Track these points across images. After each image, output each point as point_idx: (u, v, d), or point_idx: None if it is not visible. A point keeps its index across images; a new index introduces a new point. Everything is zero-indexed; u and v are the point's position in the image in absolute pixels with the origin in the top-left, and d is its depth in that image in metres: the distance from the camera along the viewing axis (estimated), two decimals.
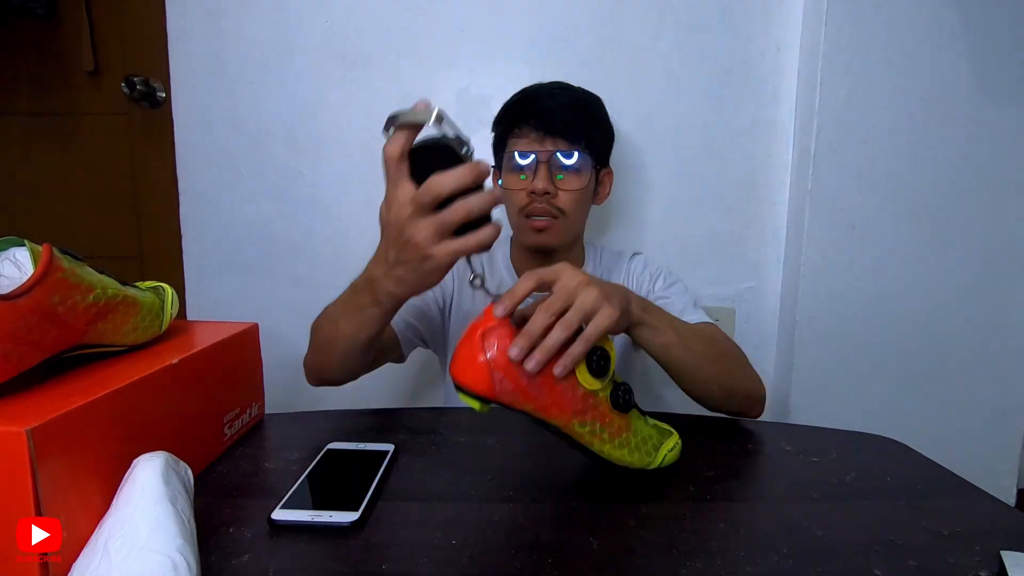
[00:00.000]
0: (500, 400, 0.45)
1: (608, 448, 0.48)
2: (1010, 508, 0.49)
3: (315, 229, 1.14)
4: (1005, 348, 1.11)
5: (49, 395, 0.39)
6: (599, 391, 0.47)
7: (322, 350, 0.68)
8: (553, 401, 0.45)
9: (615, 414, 0.48)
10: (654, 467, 0.51)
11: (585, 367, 0.46)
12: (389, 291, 0.54)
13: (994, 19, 1.02)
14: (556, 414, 0.46)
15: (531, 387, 0.45)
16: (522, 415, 0.47)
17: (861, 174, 1.06)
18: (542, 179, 0.80)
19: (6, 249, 0.42)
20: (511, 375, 0.44)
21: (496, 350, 0.44)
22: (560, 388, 0.45)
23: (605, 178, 0.91)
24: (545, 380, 0.45)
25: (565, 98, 0.84)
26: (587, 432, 0.47)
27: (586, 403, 0.46)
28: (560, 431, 0.48)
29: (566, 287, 0.49)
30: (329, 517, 0.43)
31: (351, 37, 1.09)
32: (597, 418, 0.47)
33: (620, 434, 0.49)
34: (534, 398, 0.45)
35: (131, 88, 1.10)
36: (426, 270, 0.49)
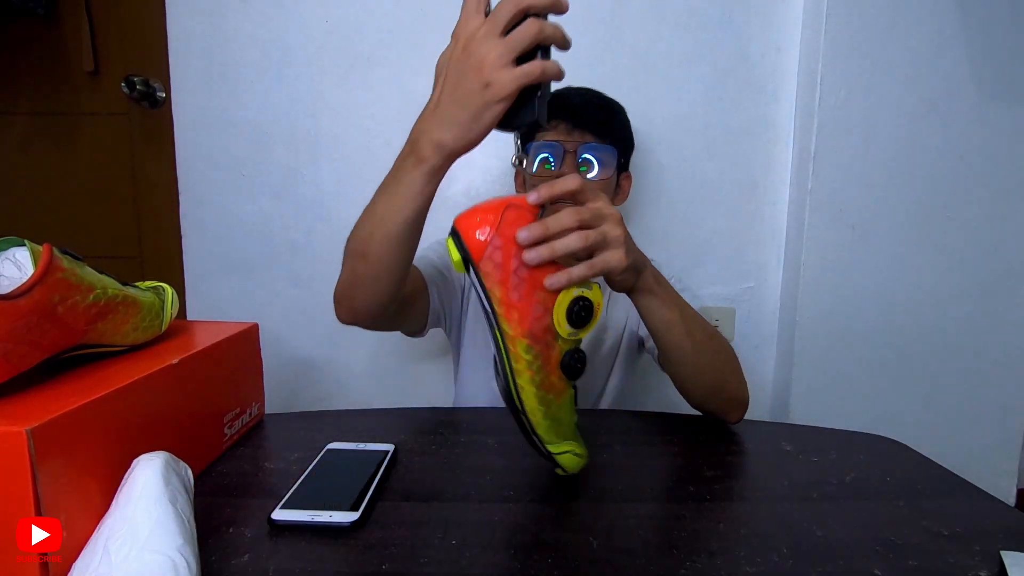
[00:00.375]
0: (480, 268, 0.43)
1: (530, 392, 0.45)
2: (1010, 508, 0.49)
3: (315, 229, 1.14)
4: (1005, 348, 1.11)
5: (49, 395, 0.39)
6: (561, 340, 0.45)
7: (356, 256, 0.60)
8: (521, 307, 0.43)
9: (558, 372, 0.45)
10: (549, 450, 0.48)
11: (565, 309, 0.44)
12: (436, 140, 0.50)
13: (994, 19, 1.02)
14: (514, 320, 0.43)
15: (513, 277, 0.43)
16: (484, 307, 0.44)
17: (861, 174, 1.06)
18: (568, 167, 0.83)
19: (6, 249, 0.42)
20: (506, 252, 0.43)
21: (508, 224, 0.43)
22: (534, 302, 0.43)
23: (624, 181, 0.94)
24: (529, 284, 0.43)
25: (594, 98, 0.89)
26: (527, 361, 0.44)
27: (544, 336, 0.44)
28: (503, 343, 0.44)
29: (601, 211, 0.49)
30: (329, 517, 0.43)
31: (351, 37, 1.09)
32: (543, 359, 0.44)
33: (550, 392, 0.45)
34: (508, 289, 0.43)
35: (131, 88, 1.10)
36: (484, 101, 0.46)
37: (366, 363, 1.19)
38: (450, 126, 0.49)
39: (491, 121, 0.48)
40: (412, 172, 0.53)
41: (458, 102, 0.48)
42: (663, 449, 0.60)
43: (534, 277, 0.43)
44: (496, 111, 0.47)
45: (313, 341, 1.17)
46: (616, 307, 0.92)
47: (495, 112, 0.47)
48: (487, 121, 0.48)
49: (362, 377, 1.20)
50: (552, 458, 0.48)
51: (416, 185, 0.53)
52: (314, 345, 1.17)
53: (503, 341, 0.44)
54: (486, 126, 0.48)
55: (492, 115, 0.47)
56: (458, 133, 0.49)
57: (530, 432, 0.47)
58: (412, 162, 0.53)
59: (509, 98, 0.46)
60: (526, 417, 0.45)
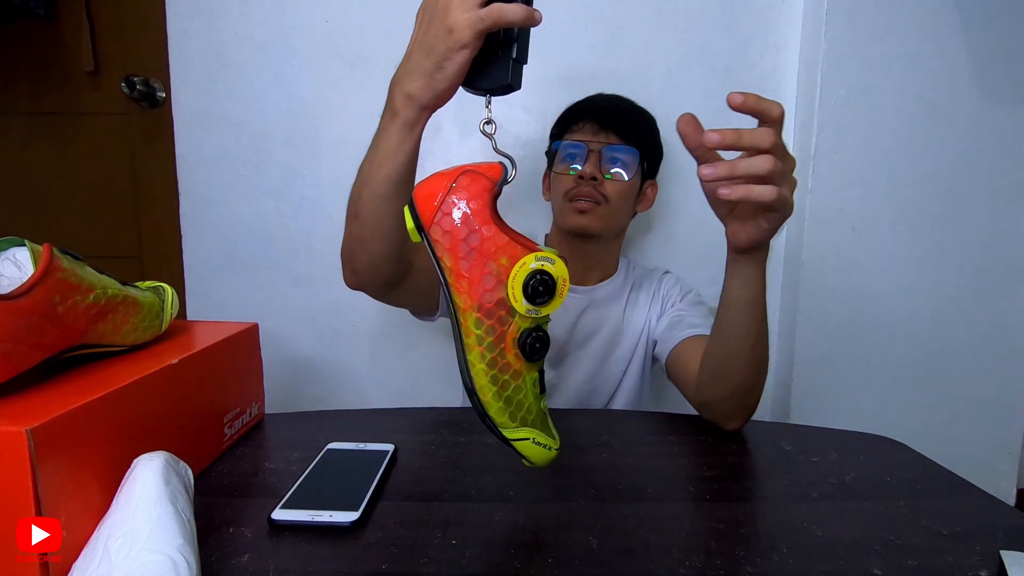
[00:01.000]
0: (431, 235, 0.40)
1: (480, 370, 0.41)
2: (1010, 508, 0.49)
3: (315, 229, 1.14)
4: (1005, 348, 1.11)
5: (49, 395, 0.39)
6: (519, 316, 0.41)
7: (350, 217, 0.60)
8: (471, 278, 0.40)
9: (515, 351, 0.41)
10: (507, 435, 0.43)
11: (521, 282, 0.40)
12: (406, 91, 0.49)
13: (994, 19, 1.02)
14: (463, 291, 0.40)
15: (463, 245, 0.40)
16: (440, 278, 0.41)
17: (861, 174, 1.06)
18: (591, 165, 0.84)
19: (6, 249, 0.42)
20: (460, 223, 0.39)
21: (461, 189, 0.40)
22: (485, 272, 0.40)
23: (649, 189, 0.94)
24: (480, 253, 0.40)
25: (622, 102, 0.91)
26: (477, 336, 0.40)
27: (496, 309, 0.40)
28: (455, 315, 0.41)
29: (788, 151, 0.50)
30: (329, 517, 0.43)
31: (351, 37, 1.09)
32: (495, 335, 0.41)
33: (504, 373, 0.41)
34: (458, 258, 0.40)
35: (131, 88, 1.10)
36: (446, 48, 0.45)
37: (366, 363, 1.19)
38: (417, 76, 0.48)
39: (454, 72, 0.46)
40: (389, 127, 0.52)
41: (424, 50, 0.46)
42: (663, 449, 0.60)
43: (485, 246, 0.40)
44: (459, 61, 0.45)
45: (313, 341, 1.17)
46: (635, 311, 0.92)
47: (458, 62, 0.45)
48: (450, 72, 0.46)
49: (362, 377, 1.20)
50: (509, 444, 0.44)
51: (393, 139, 0.52)
52: (314, 345, 1.18)
53: (455, 313, 0.41)
54: (450, 77, 0.46)
55: (455, 65, 0.45)
56: (425, 83, 0.47)
57: (482, 414, 0.43)
58: (388, 116, 0.52)
59: (469, 44, 0.44)
60: (476, 397, 0.42)
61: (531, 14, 0.45)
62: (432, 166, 0.42)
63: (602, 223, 0.86)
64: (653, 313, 0.91)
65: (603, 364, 0.91)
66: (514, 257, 0.40)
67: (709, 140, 0.48)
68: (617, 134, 0.85)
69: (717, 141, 0.47)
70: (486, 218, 0.40)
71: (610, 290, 0.92)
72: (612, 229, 0.91)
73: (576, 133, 0.88)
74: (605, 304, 0.91)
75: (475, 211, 0.39)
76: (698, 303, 0.90)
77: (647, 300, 0.92)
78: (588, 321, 0.91)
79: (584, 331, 0.91)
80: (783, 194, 0.49)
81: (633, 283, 0.95)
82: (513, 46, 0.45)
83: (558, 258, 0.41)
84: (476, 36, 0.44)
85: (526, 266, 0.40)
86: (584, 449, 0.58)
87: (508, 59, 0.45)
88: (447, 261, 0.40)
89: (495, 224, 0.40)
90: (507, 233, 0.40)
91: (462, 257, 0.40)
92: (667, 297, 0.92)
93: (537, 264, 0.40)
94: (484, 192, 0.40)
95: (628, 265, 0.97)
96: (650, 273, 0.97)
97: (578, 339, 0.91)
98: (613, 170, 0.85)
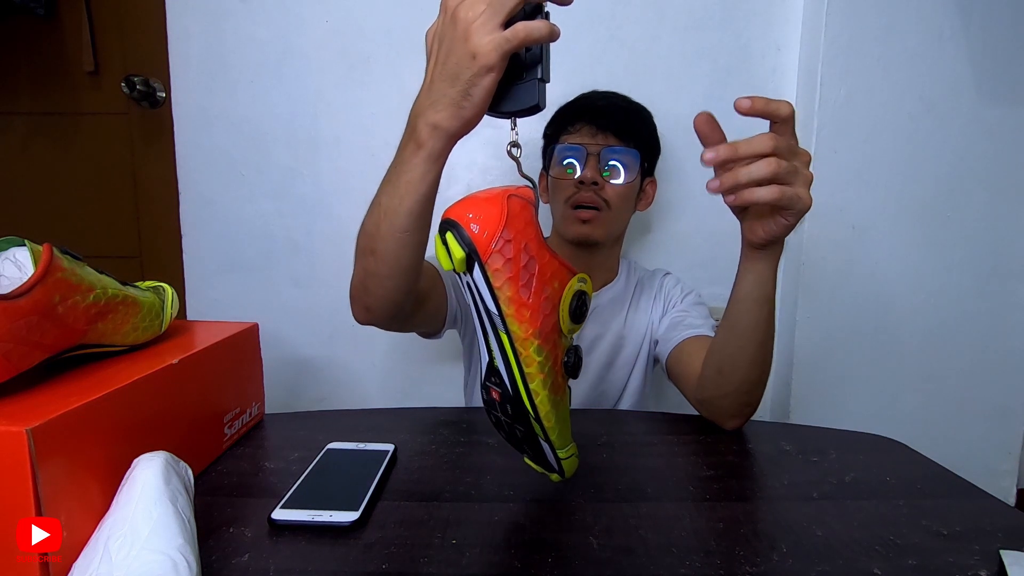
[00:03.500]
0: (488, 265, 0.38)
1: (544, 397, 0.41)
2: (1010, 508, 0.49)
3: (315, 229, 1.14)
4: (1005, 348, 1.11)
5: (49, 395, 0.39)
6: (564, 337, 0.42)
7: (365, 253, 0.57)
8: (533, 306, 0.39)
9: (562, 372, 0.43)
10: (561, 455, 0.45)
11: (568, 303, 0.41)
12: (432, 122, 0.47)
13: (994, 19, 1.02)
14: (525, 320, 0.39)
15: (524, 273, 0.39)
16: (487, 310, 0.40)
17: (861, 174, 1.06)
18: (591, 169, 0.82)
19: (6, 249, 0.42)
20: (517, 246, 0.38)
21: (515, 216, 0.38)
22: (543, 298, 0.40)
23: (648, 187, 0.93)
24: (539, 280, 0.40)
25: (619, 101, 0.88)
26: (539, 363, 0.40)
27: (552, 335, 0.41)
28: (511, 347, 0.41)
29: (795, 147, 0.49)
30: (329, 517, 0.43)
31: (351, 37, 1.09)
32: (552, 359, 0.41)
33: (557, 394, 0.42)
34: (518, 286, 0.39)
35: (131, 88, 1.10)
36: (471, 74, 0.44)
37: (366, 363, 1.19)
38: (443, 106, 0.46)
39: (482, 98, 0.45)
40: (412, 159, 0.50)
41: (447, 78, 0.45)
42: (663, 449, 0.60)
43: (543, 272, 0.40)
44: (485, 85, 0.44)
45: (313, 341, 1.17)
46: (638, 315, 0.92)
47: (485, 87, 0.44)
48: (478, 97, 0.45)
49: (362, 377, 1.20)
50: (559, 464, 0.45)
51: (417, 172, 0.51)
52: (314, 345, 1.18)
53: (511, 344, 0.40)
54: (478, 104, 0.45)
55: (482, 91, 0.44)
56: (452, 112, 0.46)
57: (542, 440, 0.43)
58: (412, 148, 0.50)
59: (495, 68, 0.43)
60: (540, 424, 0.42)
61: (552, 29, 0.44)
62: None
63: (605, 230, 0.86)
64: (655, 316, 0.91)
65: (608, 370, 0.91)
66: (563, 281, 0.41)
67: (706, 160, 0.49)
68: (616, 135, 0.84)
69: (713, 159, 0.48)
70: (540, 243, 0.40)
71: (613, 295, 0.92)
72: (615, 234, 0.90)
73: (573, 135, 0.86)
74: (609, 310, 0.91)
75: (531, 237, 0.39)
76: (698, 304, 0.90)
77: (649, 303, 0.92)
78: (593, 327, 0.90)
79: (589, 337, 0.90)
80: (793, 192, 0.49)
81: (635, 286, 0.94)
82: (538, 66, 0.44)
83: (587, 277, 0.43)
84: (502, 59, 0.43)
85: (572, 288, 0.41)
86: (584, 449, 0.58)
87: (534, 79, 0.44)
88: (507, 291, 0.39)
89: (547, 250, 0.40)
90: (556, 258, 0.41)
91: (523, 285, 0.39)
92: (668, 298, 0.92)
93: (579, 285, 0.42)
94: (534, 218, 0.40)
95: (629, 267, 0.96)
96: (651, 275, 0.97)
97: (584, 346, 0.91)
98: (614, 173, 0.84)
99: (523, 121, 0.47)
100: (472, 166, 1.12)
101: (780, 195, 0.48)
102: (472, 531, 0.43)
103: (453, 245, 0.38)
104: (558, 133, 0.88)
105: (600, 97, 0.89)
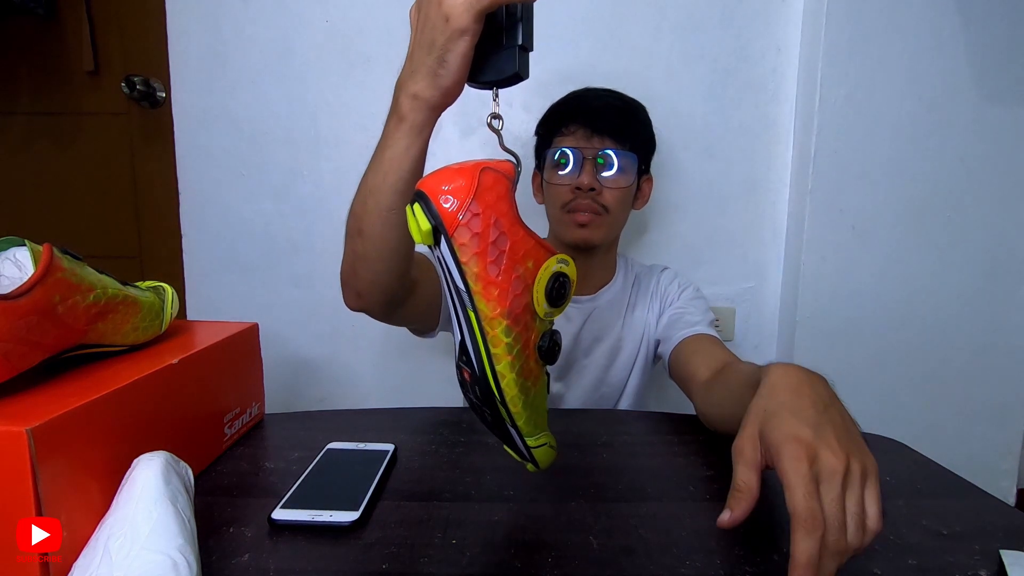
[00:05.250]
0: (454, 239, 0.36)
1: (511, 380, 0.39)
2: (1010, 508, 0.49)
3: (315, 229, 1.15)
4: (1005, 348, 1.11)
5: (49, 395, 0.39)
6: (539, 320, 0.39)
7: (353, 234, 0.57)
8: (501, 284, 0.37)
9: (535, 356, 0.40)
10: (528, 443, 0.42)
11: (545, 285, 0.38)
12: (411, 92, 0.47)
13: (994, 19, 1.02)
14: (492, 299, 0.37)
15: (492, 249, 0.37)
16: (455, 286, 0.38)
17: (861, 174, 1.06)
18: (588, 175, 0.80)
19: (6, 249, 0.42)
20: (486, 221, 0.36)
21: (486, 189, 0.36)
22: (514, 277, 0.37)
23: (645, 184, 0.92)
24: (509, 257, 0.37)
25: (613, 100, 0.86)
26: (507, 344, 0.38)
27: (524, 316, 0.38)
28: (478, 325, 0.38)
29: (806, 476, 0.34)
30: (329, 517, 0.43)
31: (351, 37, 1.09)
32: (522, 341, 0.39)
33: (528, 379, 0.40)
34: (487, 263, 0.37)
35: (131, 88, 1.10)
36: (445, 39, 0.43)
37: (366, 363, 1.19)
38: (421, 75, 0.46)
39: (457, 64, 0.44)
40: (395, 133, 0.50)
41: (425, 45, 0.44)
42: (663, 449, 0.60)
43: (515, 250, 0.37)
44: (459, 51, 0.43)
45: (313, 341, 1.17)
46: (635, 315, 0.92)
47: (459, 52, 0.43)
48: (453, 64, 0.44)
49: (362, 377, 1.20)
50: (529, 452, 0.42)
51: (400, 146, 0.50)
52: (314, 345, 1.18)
53: (478, 323, 0.38)
54: (453, 70, 0.44)
55: (457, 56, 0.43)
56: (429, 81, 0.46)
57: (509, 425, 0.41)
58: (394, 122, 0.50)
59: (469, 31, 0.42)
60: (506, 408, 0.40)
61: None
62: (432, 166, 0.41)
63: (604, 233, 0.85)
64: (652, 314, 0.91)
65: (608, 371, 0.91)
66: (539, 260, 0.38)
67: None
68: (613, 138, 0.81)
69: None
70: (513, 219, 0.38)
71: (611, 296, 0.92)
72: (613, 236, 0.90)
73: (568, 137, 0.83)
74: (607, 311, 0.91)
75: (503, 212, 0.37)
76: (697, 298, 0.89)
77: (646, 301, 0.92)
78: (591, 329, 0.90)
79: (588, 339, 0.90)
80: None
81: (632, 285, 0.94)
82: (518, 30, 0.43)
83: (570, 259, 0.40)
84: (475, 19, 0.42)
85: (549, 269, 0.39)
86: (584, 449, 0.58)
87: (514, 46, 0.43)
88: (473, 267, 0.37)
89: (521, 226, 0.38)
90: (531, 236, 0.38)
91: (491, 262, 0.37)
92: (665, 295, 0.91)
93: (558, 266, 0.39)
94: (508, 192, 0.38)
95: (626, 265, 0.96)
96: (648, 271, 0.96)
97: (583, 348, 0.91)
98: (611, 177, 0.82)
99: (521, 121, 0.47)
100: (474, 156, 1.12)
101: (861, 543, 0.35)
102: (472, 531, 0.43)
103: (420, 217, 0.37)
104: (551, 134, 0.86)
105: (595, 96, 0.86)
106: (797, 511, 0.34)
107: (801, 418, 0.38)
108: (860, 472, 0.36)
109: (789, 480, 0.35)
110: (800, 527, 0.33)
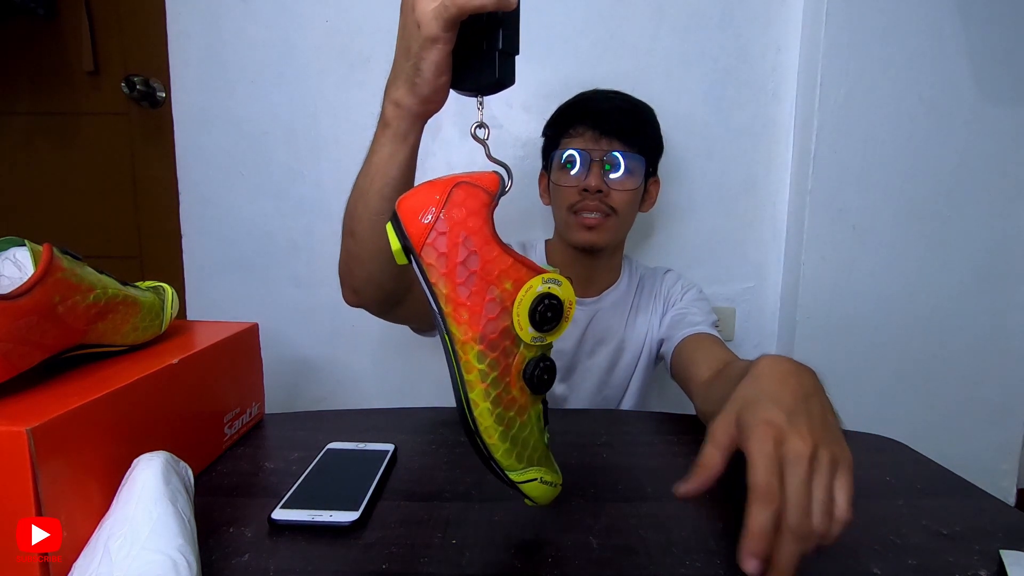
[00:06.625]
0: (422, 258, 0.35)
1: (484, 409, 0.36)
2: (1010, 508, 0.49)
3: (315, 229, 1.15)
4: (1005, 348, 1.11)
5: (49, 395, 0.39)
6: (524, 346, 0.36)
7: (346, 234, 0.58)
8: (472, 306, 0.35)
9: (520, 384, 0.37)
10: (514, 478, 0.38)
11: (528, 308, 0.35)
12: (393, 99, 0.47)
13: (994, 19, 1.02)
14: (463, 322, 0.35)
15: (461, 269, 0.35)
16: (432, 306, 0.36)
17: (861, 174, 1.06)
18: (595, 177, 0.80)
19: (6, 249, 0.42)
20: (452, 239, 0.34)
21: (455, 206, 0.35)
22: (488, 299, 0.35)
23: (652, 187, 0.92)
24: (481, 278, 0.35)
25: (621, 102, 0.86)
26: (480, 371, 0.35)
27: (501, 341, 0.35)
28: (452, 349, 0.36)
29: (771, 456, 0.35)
30: (329, 517, 0.43)
31: (351, 37, 1.09)
32: (500, 368, 0.36)
33: (510, 410, 0.37)
34: (455, 284, 0.35)
35: (131, 88, 1.10)
36: (419, 45, 0.42)
37: (366, 363, 1.19)
38: (401, 81, 0.46)
39: (431, 72, 0.43)
40: (380, 138, 0.50)
41: (403, 51, 0.44)
42: (663, 449, 0.60)
43: (487, 269, 0.35)
44: (433, 59, 0.42)
45: (313, 341, 1.17)
46: (639, 316, 0.92)
47: (432, 60, 0.42)
48: (428, 72, 0.43)
49: (362, 377, 1.20)
50: (515, 487, 0.39)
51: (385, 151, 0.50)
52: (314, 345, 1.18)
53: (452, 346, 0.36)
54: (429, 78, 0.43)
55: (431, 64, 0.42)
56: (407, 88, 0.45)
57: (487, 457, 0.37)
58: (380, 127, 0.50)
59: (440, 39, 0.41)
60: (480, 439, 0.37)
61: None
62: (432, 166, 0.41)
63: (611, 236, 0.85)
64: (655, 316, 0.91)
65: (611, 373, 0.91)
66: (519, 281, 0.35)
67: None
68: (620, 140, 0.81)
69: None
70: (486, 237, 0.35)
71: (615, 298, 0.92)
72: (619, 238, 0.90)
73: (576, 139, 0.83)
74: (610, 312, 0.91)
75: (474, 230, 0.35)
76: (699, 299, 0.89)
77: (649, 303, 0.92)
78: (595, 331, 0.90)
79: (591, 341, 0.90)
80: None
81: (636, 286, 0.94)
82: (499, 35, 0.40)
83: (564, 279, 0.37)
84: (444, 28, 0.41)
85: (532, 290, 0.36)
86: (584, 449, 0.58)
87: (493, 52, 0.41)
88: (442, 288, 0.35)
89: (496, 244, 0.35)
90: (510, 254, 0.36)
91: (460, 283, 0.35)
92: (669, 297, 0.92)
93: (544, 287, 0.36)
94: (483, 207, 0.35)
95: (631, 267, 0.96)
96: (652, 272, 0.96)
97: (586, 350, 0.91)
98: (619, 179, 0.81)
99: (521, 122, 0.47)
100: (474, 158, 1.12)
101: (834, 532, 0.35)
102: (472, 531, 0.43)
103: (391, 236, 0.36)
104: (559, 135, 0.86)
105: (603, 98, 0.86)
106: (754, 484, 0.34)
107: (778, 405, 0.38)
108: (829, 460, 0.36)
109: (752, 458, 0.35)
110: (756, 500, 0.34)
